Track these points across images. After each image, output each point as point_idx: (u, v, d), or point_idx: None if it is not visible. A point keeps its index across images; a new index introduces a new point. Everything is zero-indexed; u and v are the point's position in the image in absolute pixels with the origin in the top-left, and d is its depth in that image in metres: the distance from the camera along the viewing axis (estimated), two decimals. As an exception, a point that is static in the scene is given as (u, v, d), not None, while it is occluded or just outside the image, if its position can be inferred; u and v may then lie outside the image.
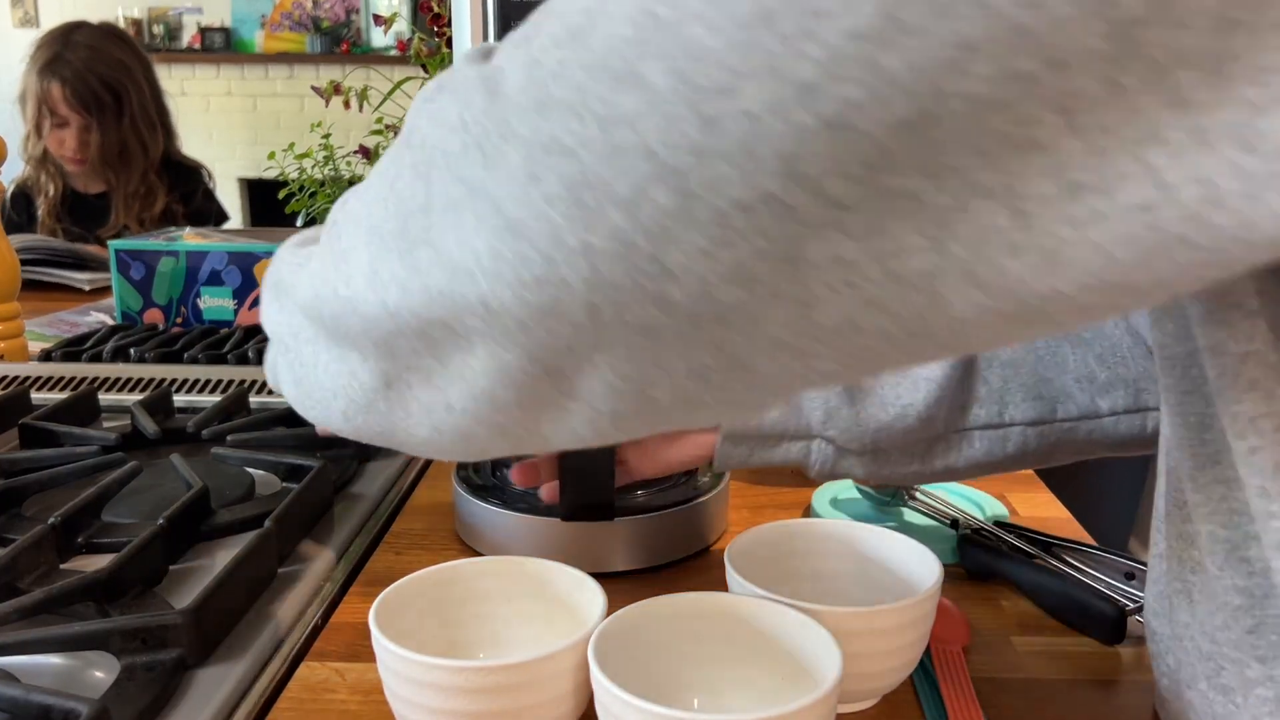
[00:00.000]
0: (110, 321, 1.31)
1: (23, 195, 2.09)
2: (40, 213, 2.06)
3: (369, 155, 0.98)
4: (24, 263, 1.54)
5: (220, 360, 1.11)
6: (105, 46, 2.03)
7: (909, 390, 0.61)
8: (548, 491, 0.66)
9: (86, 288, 1.57)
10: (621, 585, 0.65)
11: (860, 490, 0.76)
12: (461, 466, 0.74)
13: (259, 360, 1.11)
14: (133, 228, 2.03)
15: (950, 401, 0.61)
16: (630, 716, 0.41)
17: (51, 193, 2.05)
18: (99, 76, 1.99)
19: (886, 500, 0.75)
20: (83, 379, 1.01)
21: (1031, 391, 0.62)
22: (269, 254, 1.23)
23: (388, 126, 0.98)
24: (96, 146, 2.01)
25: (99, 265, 1.61)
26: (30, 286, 1.56)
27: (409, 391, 0.36)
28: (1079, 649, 0.59)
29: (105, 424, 0.93)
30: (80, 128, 1.99)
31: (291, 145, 0.99)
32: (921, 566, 0.55)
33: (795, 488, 0.80)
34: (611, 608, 0.49)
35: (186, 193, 2.14)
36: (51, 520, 0.64)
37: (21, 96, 2.02)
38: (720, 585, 0.65)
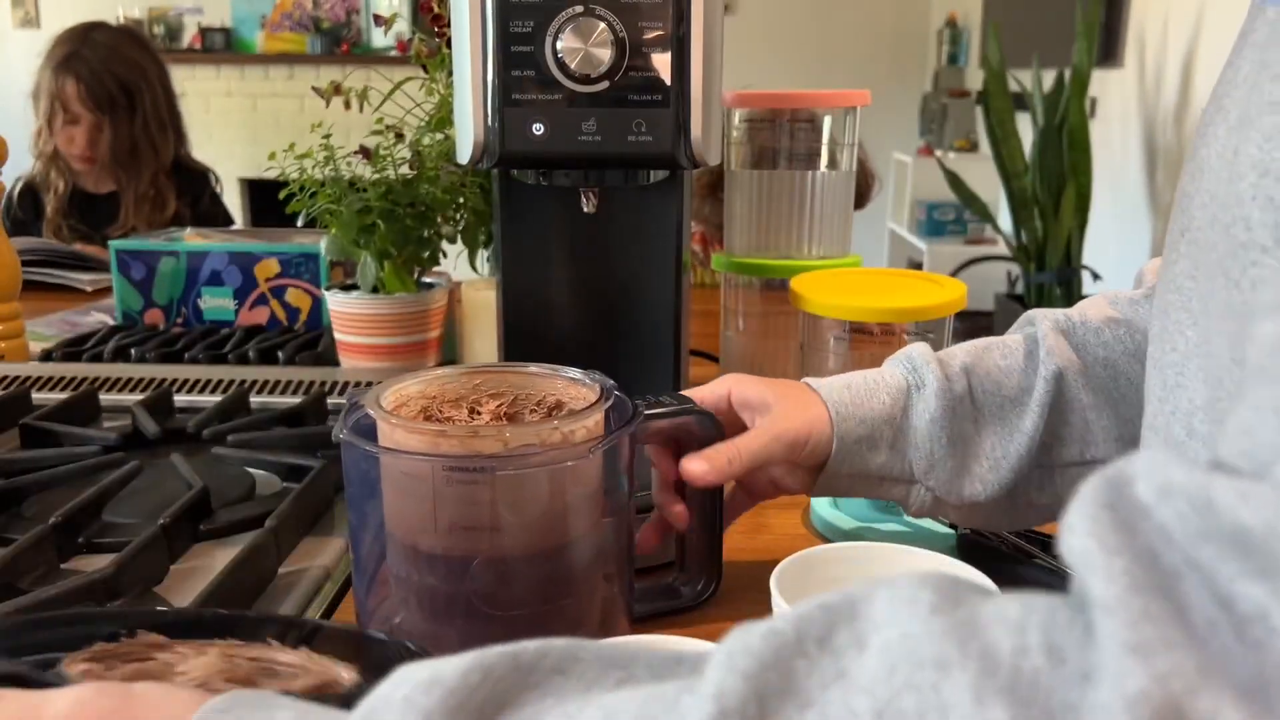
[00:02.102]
0: (111, 321, 1.31)
1: (30, 192, 2.09)
2: (48, 210, 2.07)
3: (369, 155, 0.98)
4: (25, 264, 1.55)
5: (220, 360, 1.11)
6: (122, 47, 2.04)
7: (1000, 466, 0.61)
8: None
9: (89, 289, 1.57)
10: (621, 585, 0.65)
11: (860, 490, 0.76)
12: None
13: (259, 360, 1.12)
14: (143, 231, 2.03)
15: (1041, 439, 0.61)
16: None
17: (60, 190, 2.06)
18: (114, 76, 2.00)
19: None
20: (83, 379, 1.01)
21: (1112, 433, 0.62)
22: (269, 254, 1.24)
23: (388, 127, 0.98)
24: (107, 146, 2.01)
25: (101, 266, 1.61)
26: (32, 287, 1.56)
27: None
28: (1079, 648, 0.59)
29: (106, 424, 0.93)
30: (92, 126, 2.00)
31: (292, 145, 0.99)
32: None
33: (795, 487, 0.80)
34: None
35: (194, 197, 2.14)
36: (52, 520, 0.65)
37: (35, 92, 2.04)
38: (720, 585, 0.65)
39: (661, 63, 0.66)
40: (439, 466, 0.51)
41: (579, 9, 0.65)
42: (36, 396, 0.97)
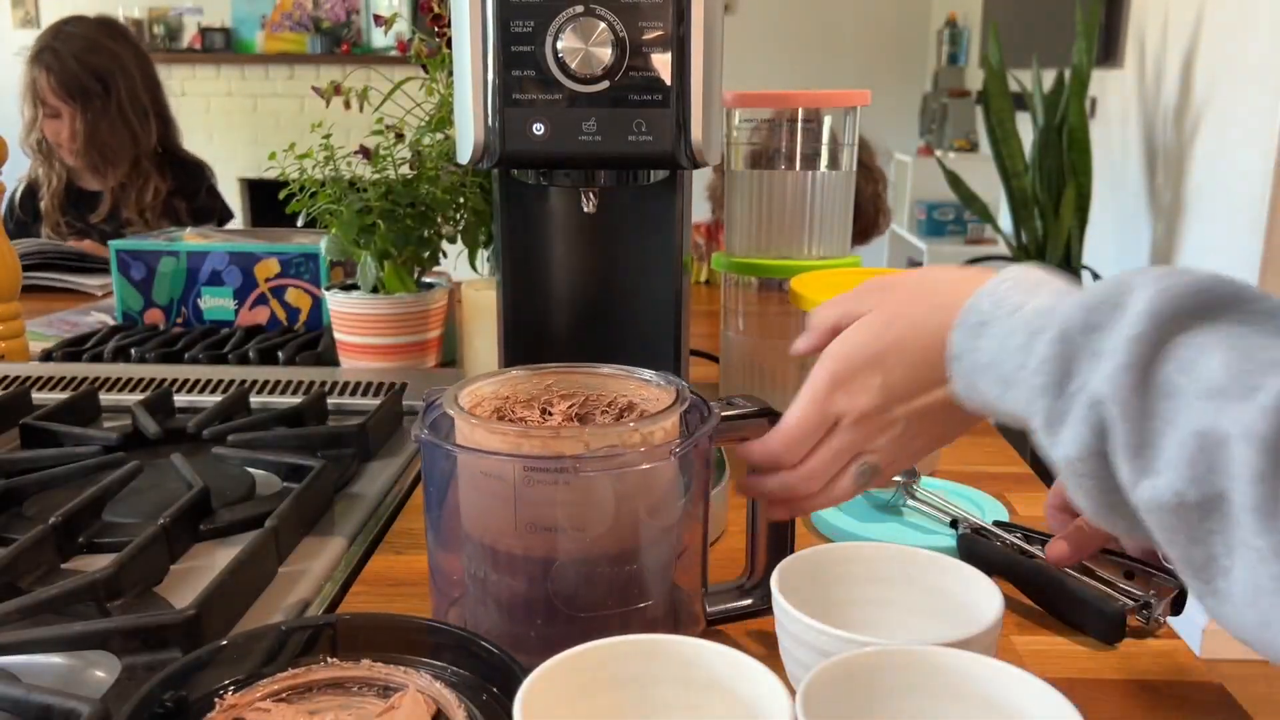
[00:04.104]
0: (111, 321, 1.31)
1: (31, 194, 2.11)
2: (44, 204, 2.07)
3: (369, 155, 0.98)
4: (33, 268, 1.55)
5: (221, 360, 1.11)
6: (95, 36, 2.04)
7: None
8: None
9: (99, 294, 1.56)
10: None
11: (860, 490, 0.76)
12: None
13: (259, 360, 1.12)
14: (135, 222, 2.03)
15: None
16: None
17: (54, 183, 2.07)
18: (85, 65, 2.01)
19: (887, 500, 0.75)
20: (83, 379, 1.01)
21: None
22: (269, 254, 1.24)
23: (388, 127, 0.98)
24: (85, 135, 2.02)
25: (107, 267, 1.61)
26: (41, 290, 1.56)
27: None
28: (1078, 648, 0.59)
29: (106, 424, 0.93)
30: (69, 116, 2.01)
31: (292, 145, 0.99)
32: (980, 593, 0.52)
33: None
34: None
35: (190, 190, 2.14)
36: (52, 520, 0.65)
37: (24, 90, 2.05)
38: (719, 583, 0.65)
39: (662, 63, 0.66)
40: (520, 467, 0.51)
41: (579, 9, 0.65)
42: (37, 396, 0.97)
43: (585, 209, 0.74)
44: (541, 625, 0.54)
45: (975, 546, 0.67)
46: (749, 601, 0.61)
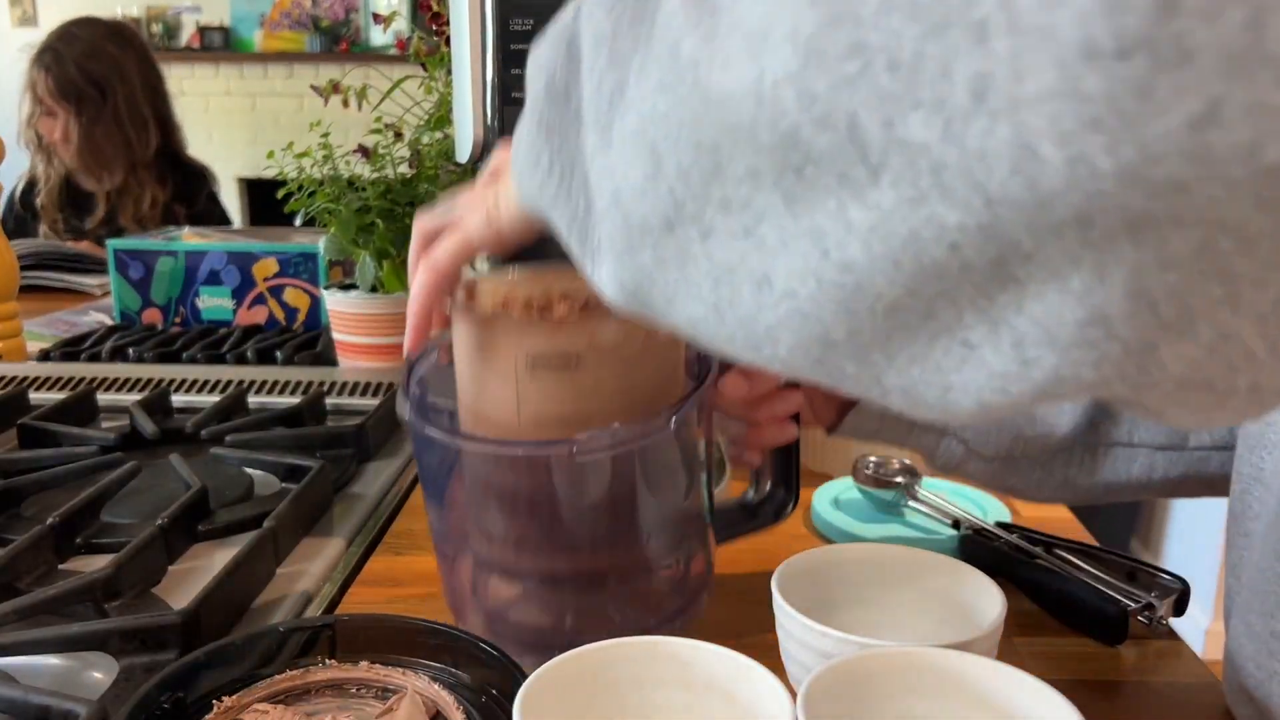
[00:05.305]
0: (109, 321, 1.31)
1: (31, 188, 2.11)
2: (41, 201, 2.08)
3: (368, 154, 0.98)
4: (32, 268, 1.55)
5: (219, 360, 1.11)
6: (99, 42, 2.04)
7: (1048, 421, 0.60)
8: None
9: (99, 293, 1.56)
10: (622, 585, 0.65)
11: (861, 491, 0.75)
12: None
13: (257, 360, 1.11)
14: (132, 229, 2.03)
15: (1090, 416, 0.60)
16: None
17: (52, 179, 2.07)
18: (84, 70, 2.01)
19: (888, 500, 0.74)
20: (81, 379, 1.01)
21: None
22: (267, 253, 1.23)
23: (387, 125, 0.98)
24: (79, 137, 2.02)
25: (104, 267, 1.61)
26: (39, 290, 1.56)
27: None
28: (1080, 649, 0.59)
29: (104, 424, 0.93)
30: (65, 119, 2.01)
31: (290, 144, 0.99)
32: (981, 594, 0.52)
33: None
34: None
35: (190, 195, 2.14)
36: (50, 520, 0.64)
37: (23, 86, 2.07)
38: (719, 587, 0.65)
39: (662, 61, 0.66)
40: (523, 356, 0.49)
41: (579, 7, 0.64)
42: (34, 396, 0.97)
43: (585, 208, 0.73)
44: (546, 527, 0.52)
45: (977, 547, 0.67)
46: (756, 520, 0.60)
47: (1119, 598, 0.60)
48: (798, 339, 0.28)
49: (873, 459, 0.75)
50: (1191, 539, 2.27)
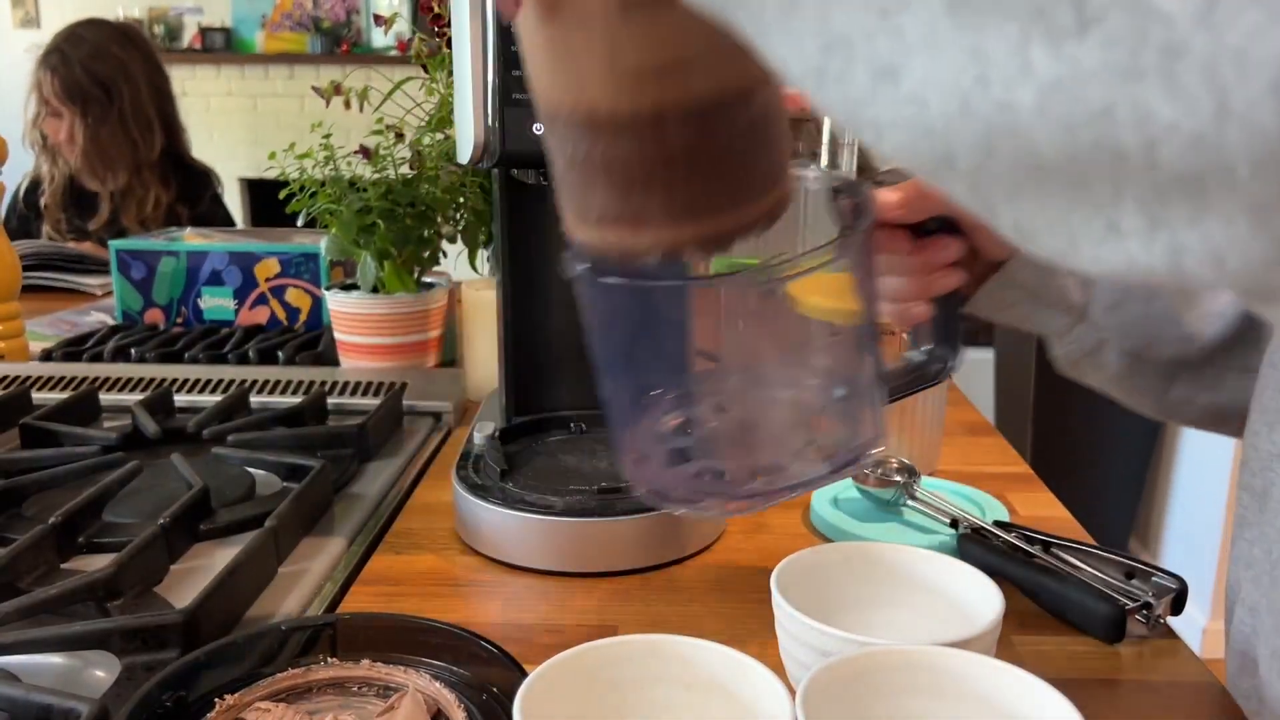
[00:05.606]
0: (110, 321, 1.31)
1: (36, 187, 2.12)
2: (45, 200, 2.08)
3: (369, 155, 0.98)
4: (34, 268, 1.55)
5: (220, 360, 1.11)
6: (105, 44, 2.04)
7: (1212, 317, 0.57)
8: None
9: (99, 293, 1.57)
10: (619, 585, 0.65)
11: (861, 490, 0.76)
12: (461, 466, 0.74)
13: (259, 360, 1.12)
14: (134, 229, 2.03)
15: (1238, 331, 0.58)
16: None
17: (56, 179, 2.08)
18: (90, 72, 2.01)
19: (887, 500, 0.75)
20: (83, 379, 1.01)
21: None
22: (269, 254, 1.24)
23: (388, 126, 0.98)
24: (84, 138, 2.03)
25: (107, 268, 1.62)
26: (40, 290, 1.56)
27: None
28: (1078, 648, 0.59)
29: (106, 424, 0.93)
30: (70, 120, 2.02)
31: (292, 145, 0.99)
32: (980, 593, 0.52)
33: (795, 487, 0.80)
34: (610, 606, 0.49)
35: (193, 197, 2.14)
36: (52, 520, 0.65)
37: (29, 86, 2.08)
38: (719, 586, 0.65)
39: (662, 62, 0.66)
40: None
41: (579, 8, 0.65)
42: (36, 396, 0.97)
43: (585, 209, 0.73)
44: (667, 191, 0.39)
45: (975, 546, 0.67)
46: (919, 374, 0.57)
47: (1117, 597, 0.60)
48: (911, 148, 0.23)
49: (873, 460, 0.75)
50: (1189, 538, 2.28)
